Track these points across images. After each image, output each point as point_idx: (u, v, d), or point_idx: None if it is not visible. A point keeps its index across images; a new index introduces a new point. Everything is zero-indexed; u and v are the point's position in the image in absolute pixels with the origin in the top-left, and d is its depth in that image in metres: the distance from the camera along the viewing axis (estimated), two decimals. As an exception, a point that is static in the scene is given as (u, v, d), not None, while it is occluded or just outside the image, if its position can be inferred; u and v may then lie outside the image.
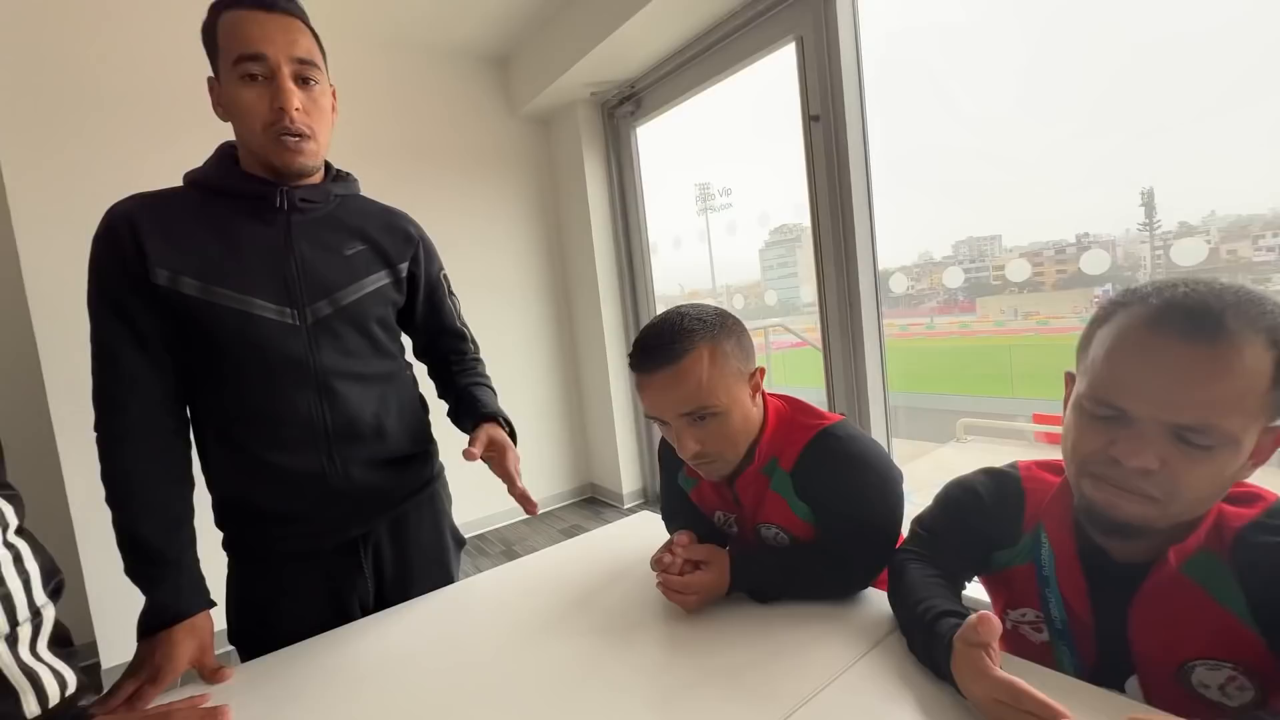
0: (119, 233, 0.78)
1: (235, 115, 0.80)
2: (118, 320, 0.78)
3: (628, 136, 3.14)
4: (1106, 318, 0.58)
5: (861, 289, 2.09)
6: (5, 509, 0.63)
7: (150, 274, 0.77)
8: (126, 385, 0.79)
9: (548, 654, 0.76)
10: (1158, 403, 0.52)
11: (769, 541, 0.88)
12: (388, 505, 0.94)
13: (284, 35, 0.78)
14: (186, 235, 0.80)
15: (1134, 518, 0.56)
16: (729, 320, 0.82)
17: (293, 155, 0.81)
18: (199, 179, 0.85)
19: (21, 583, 0.62)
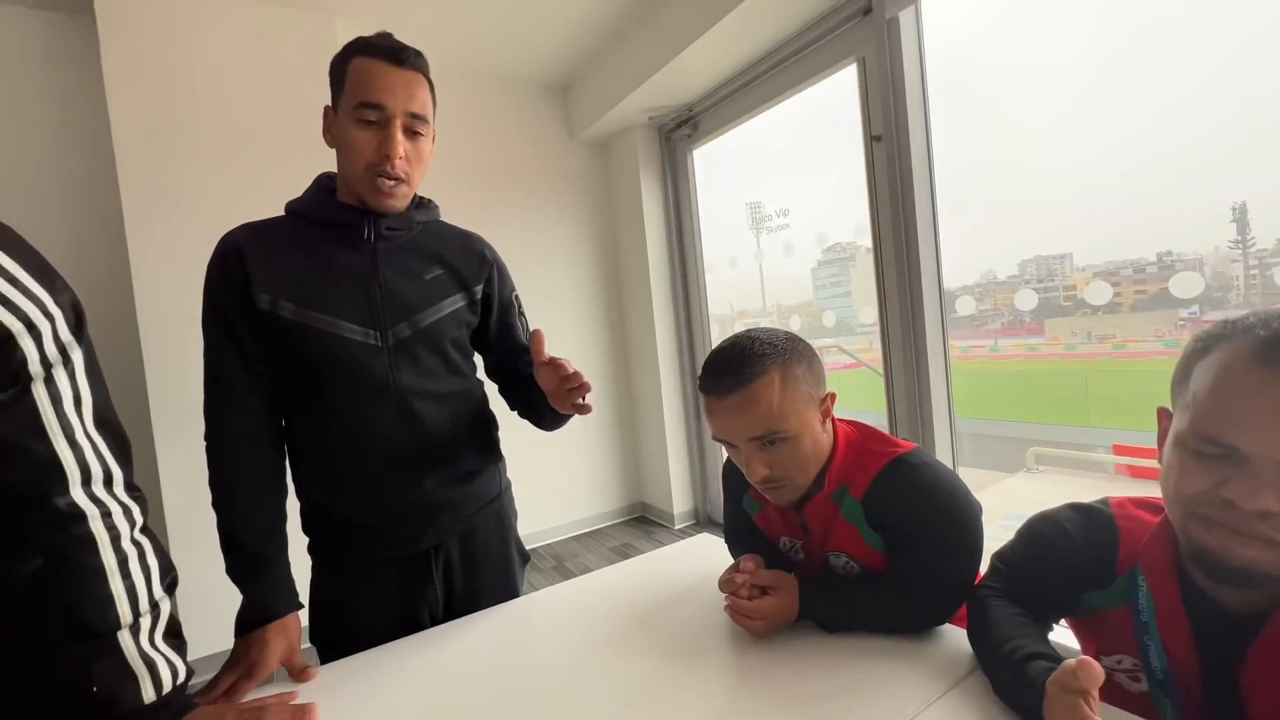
0: (229, 260, 0.85)
1: (343, 150, 0.87)
2: (227, 341, 0.86)
3: (684, 158, 3.18)
4: (1206, 350, 0.56)
5: (926, 310, 2.04)
6: (133, 508, 0.69)
7: (254, 298, 0.84)
8: (232, 400, 0.86)
9: (613, 672, 0.76)
10: (1274, 440, 0.49)
11: (838, 570, 0.86)
12: (458, 518, 0.98)
13: (405, 89, 0.85)
14: (285, 262, 0.87)
15: (1252, 563, 0.53)
16: (799, 344, 0.82)
17: (385, 198, 0.87)
18: (298, 208, 0.92)
19: (144, 577, 0.68)
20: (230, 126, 2.25)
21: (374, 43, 0.85)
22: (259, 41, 2.29)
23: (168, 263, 2.10)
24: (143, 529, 0.69)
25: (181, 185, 2.17)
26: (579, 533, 3.36)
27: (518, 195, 3.20)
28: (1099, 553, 0.68)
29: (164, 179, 2.14)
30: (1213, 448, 0.53)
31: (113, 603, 0.65)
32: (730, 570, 0.85)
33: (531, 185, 3.25)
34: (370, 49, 0.85)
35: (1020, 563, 0.73)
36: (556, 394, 0.90)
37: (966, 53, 2.22)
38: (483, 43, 2.79)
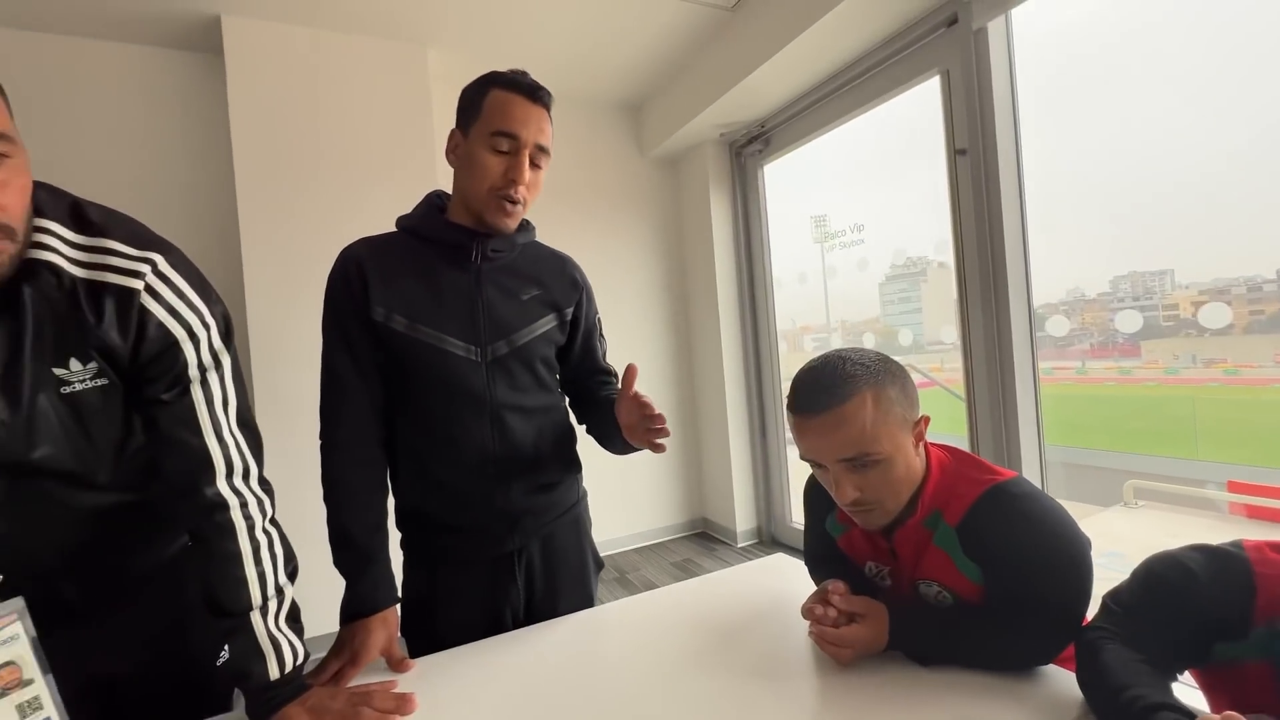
0: (350, 272, 0.92)
1: (469, 170, 0.93)
2: (343, 347, 0.92)
3: (755, 174, 3.18)
4: None
5: (1014, 329, 1.94)
6: (265, 500, 0.76)
7: (371, 310, 0.91)
8: (346, 403, 0.92)
9: (691, 688, 0.76)
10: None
11: (929, 599, 0.83)
12: (540, 524, 1.01)
13: (537, 124, 0.92)
14: (398, 278, 0.93)
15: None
16: (892, 365, 0.81)
17: (504, 218, 0.93)
18: (410, 226, 0.99)
19: (272, 564, 0.74)
20: (333, 149, 2.44)
21: (513, 78, 0.92)
22: (360, 71, 2.48)
23: (275, 274, 2.29)
24: (271, 520, 0.76)
25: (289, 204, 2.36)
26: (640, 545, 3.37)
27: (587, 213, 3.29)
28: (1233, 600, 0.63)
29: (275, 198, 2.35)
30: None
31: (246, 586, 0.72)
32: (816, 596, 0.83)
33: (601, 203, 3.33)
34: (510, 84, 0.92)
35: (1139, 606, 0.68)
36: (634, 429, 0.93)
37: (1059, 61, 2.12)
38: (561, 66, 2.90)
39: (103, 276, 0.64)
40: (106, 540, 0.75)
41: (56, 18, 2.21)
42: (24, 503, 0.66)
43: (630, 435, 0.94)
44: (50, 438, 0.64)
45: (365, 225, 1.04)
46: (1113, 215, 2.17)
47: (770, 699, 0.73)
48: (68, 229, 0.64)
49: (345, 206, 2.41)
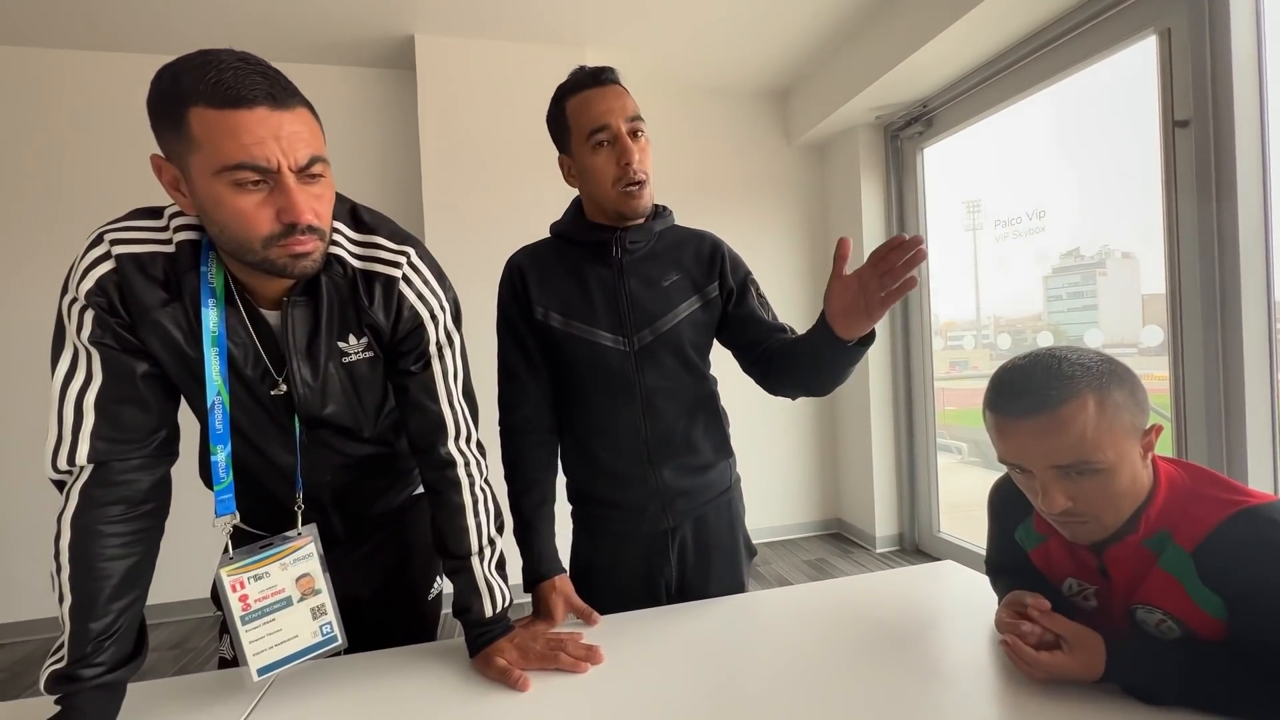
0: (514, 279, 1.03)
1: (589, 179, 0.97)
2: (515, 343, 1.03)
3: (913, 158, 2.97)
4: None
5: (1245, 333, 1.64)
6: (481, 461, 0.87)
7: (533, 310, 1.00)
8: (520, 392, 1.03)
9: (858, 686, 0.76)
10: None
11: (1148, 628, 0.74)
12: (693, 505, 1.06)
13: (618, 101, 0.94)
14: (553, 279, 1.02)
15: None
16: (1118, 367, 0.73)
17: (636, 202, 0.97)
18: (559, 230, 1.07)
19: (487, 517, 0.85)
20: (505, 153, 2.67)
21: (574, 80, 0.97)
22: (526, 77, 2.67)
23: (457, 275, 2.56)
24: (485, 479, 0.87)
25: (469, 206, 2.63)
26: (772, 540, 3.33)
27: (731, 203, 3.28)
28: None
29: (456, 201, 2.62)
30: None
31: (468, 534, 0.83)
32: (1013, 607, 0.78)
33: (744, 193, 3.30)
34: (575, 86, 0.97)
35: None
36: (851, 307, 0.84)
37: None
38: (708, 56, 2.90)
39: (373, 267, 0.77)
40: (364, 483, 0.91)
41: (269, 45, 2.59)
42: (315, 447, 0.82)
43: (848, 315, 0.85)
44: (335, 398, 0.79)
45: (537, 224, 1.14)
46: None
47: (951, 705, 0.71)
48: (348, 227, 0.77)
49: (521, 206, 2.62)
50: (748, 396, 1.31)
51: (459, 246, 2.55)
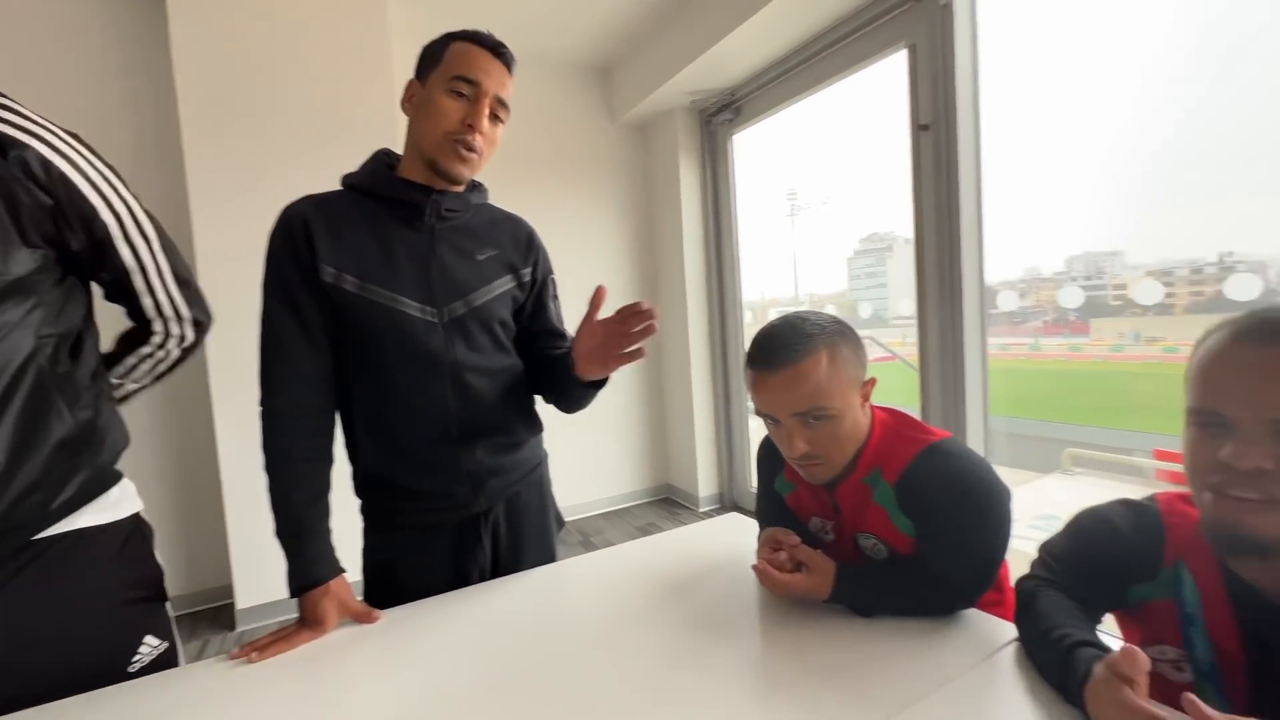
0: (294, 230, 0.89)
1: (425, 115, 0.90)
2: (287, 309, 0.89)
3: (724, 143, 3.17)
4: (1204, 340, 0.62)
5: (965, 306, 2.02)
6: None
7: (319, 270, 0.88)
8: (289, 367, 0.89)
9: (643, 636, 0.81)
10: (1252, 401, 0.55)
11: (867, 552, 0.88)
12: (506, 484, 1.03)
13: (499, 76, 0.91)
14: (348, 236, 0.91)
15: (1258, 528, 0.55)
16: (846, 328, 0.85)
17: (460, 164, 0.91)
18: (358, 183, 0.96)
19: None
20: (287, 102, 2.33)
21: (479, 35, 0.92)
22: (315, 21, 2.36)
23: (227, 232, 2.21)
24: None
25: (240, 158, 2.26)
26: (606, 510, 3.43)
27: (555, 179, 3.24)
28: (1147, 546, 0.69)
29: (225, 152, 2.24)
30: (1208, 417, 0.58)
31: None
32: (769, 543, 0.88)
33: (569, 169, 3.28)
34: (475, 39, 0.91)
35: (1069, 556, 0.75)
36: (593, 354, 0.92)
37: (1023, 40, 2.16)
38: (529, 24, 2.81)
39: None
40: None
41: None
42: None
43: (588, 360, 0.93)
44: None
45: (321, 180, 1.01)
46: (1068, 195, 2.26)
47: (719, 644, 0.78)
48: None
49: (301, 163, 2.32)
50: None
51: (231, 204, 2.20)
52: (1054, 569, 0.74)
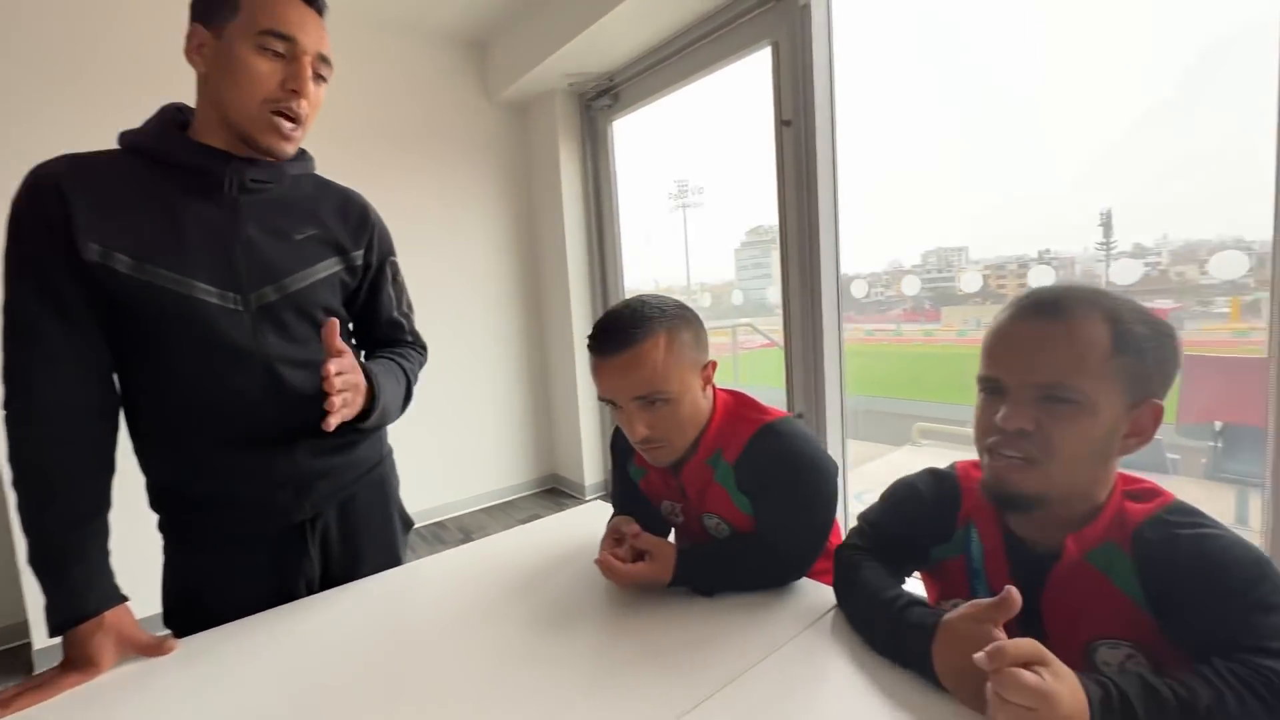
0: (44, 198, 0.73)
1: (232, 77, 0.77)
2: (38, 292, 0.73)
3: (604, 129, 3.14)
4: (996, 318, 0.68)
5: (824, 293, 2.15)
6: None
7: (79, 246, 0.73)
8: (43, 362, 0.74)
9: (490, 636, 0.78)
10: (1021, 369, 0.62)
11: (711, 531, 0.90)
12: (338, 487, 0.94)
13: (317, 31, 0.80)
14: (122, 206, 0.76)
15: (1022, 485, 0.62)
16: (687, 312, 0.85)
17: (282, 140, 0.80)
18: (139, 144, 0.80)
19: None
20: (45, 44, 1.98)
21: None
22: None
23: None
24: None
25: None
26: (489, 504, 3.33)
27: (428, 158, 3.05)
28: (945, 510, 0.76)
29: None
30: (986, 384, 0.65)
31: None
32: (613, 529, 0.87)
33: (442, 148, 3.10)
34: None
35: (882, 522, 0.80)
36: None
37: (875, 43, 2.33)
38: (391, -14, 2.60)
39: None
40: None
41: None
42: None
43: None
44: None
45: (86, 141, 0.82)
46: (925, 195, 2.48)
47: (561, 636, 0.76)
48: None
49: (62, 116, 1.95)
50: (455, 360, 1.19)
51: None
52: (870, 535, 0.80)
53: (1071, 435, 0.60)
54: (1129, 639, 0.62)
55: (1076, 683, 0.49)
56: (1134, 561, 0.61)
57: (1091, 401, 0.59)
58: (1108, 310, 0.60)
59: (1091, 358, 0.59)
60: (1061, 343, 0.60)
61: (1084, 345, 0.59)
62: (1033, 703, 0.47)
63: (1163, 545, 0.59)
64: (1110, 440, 0.61)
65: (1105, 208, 2.28)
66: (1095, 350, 0.59)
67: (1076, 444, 0.60)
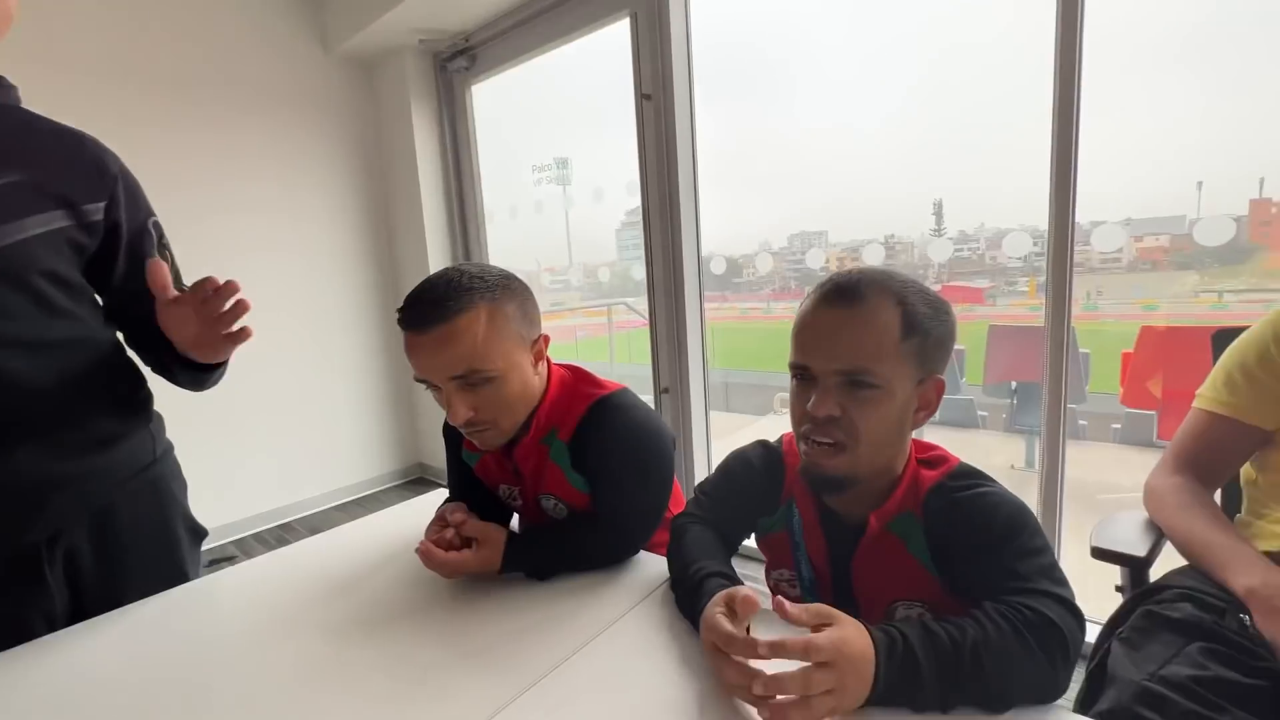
0: None
1: None
2: None
3: (462, 94, 2.93)
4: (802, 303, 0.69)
5: (685, 270, 2.17)
6: None
7: None
8: None
9: (291, 650, 0.68)
10: (825, 356, 0.62)
11: (550, 513, 0.86)
12: (86, 500, 0.77)
13: None
14: None
15: (832, 469, 0.64)
16: (513, 283, 0.78)
17: None
18: None
19: None
20: None
21: None
22: None
23: None
24: None
25: None
26: (347, 500, 3.06)
27: (253, 114, 2.66)
28: (772, 482, 0.77)
29: None
30: (796, 371, 0.66)
31: None
32: (438, 516, 0.80)
33: (271, 103, 2.72)
34: None
35: (715, 492, 0.80)
36: (193, 340, 0.74)
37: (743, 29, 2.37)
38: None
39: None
40: None
41: None
42: None
43: (200, 347, 0.75)
44: None
45: None
46: (792, 180, 2.59)
47: (370, 643, 0.68)
48: None
49: None
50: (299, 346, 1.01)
51: None
52: (704, 505, 0.80)
53: (874, 418, 0.62)
54: (921, 598, 0.67)
55: (862, 632, 0.51)
56: (924, 527, 0.66)
57: (889, 384, 0.61)
58: (897, 293, 0.62)
59: (886, 342, 0.61)
60: (859, 328, 0.61)
61: (879, 331, 0.61)
62: None
63: (943, 510, 0.64)
64: (905, 418, 0.64)
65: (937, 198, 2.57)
66: (889, 335, 0.61)
67: (878, 426, 0.63)
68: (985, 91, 2.10)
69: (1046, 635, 0.52)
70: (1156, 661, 0.64)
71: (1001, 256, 6.45)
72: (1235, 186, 2.20)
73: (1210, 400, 0.84)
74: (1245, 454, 0.84)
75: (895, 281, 0.64)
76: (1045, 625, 0.52)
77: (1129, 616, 0.74)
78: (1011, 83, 1.96)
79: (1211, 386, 0.84)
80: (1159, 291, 6.92)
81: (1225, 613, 0.68)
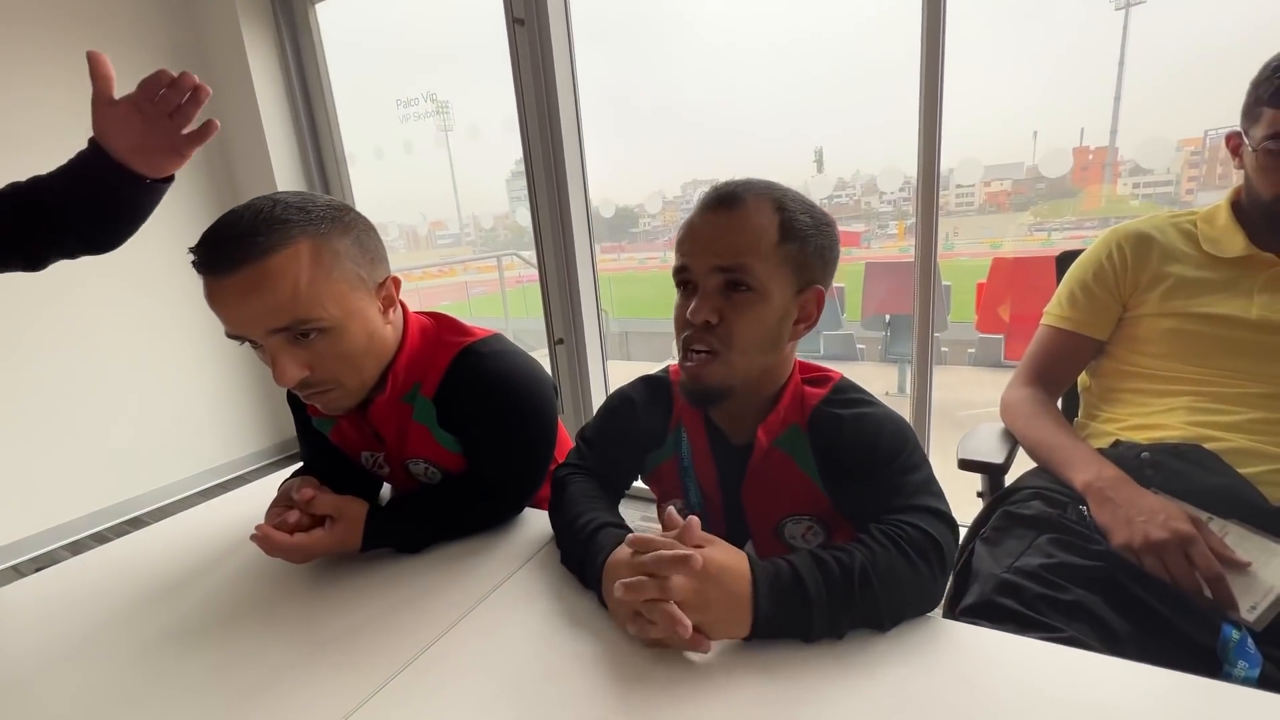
0: None
1: None
2: None
3: (304, 16, 2.54)
4: None
5: (574, 216, 2.06)
6: None
7: None
8: None
9: (112, 664, 0.57)
10: (704, 254, 0.60)
11: (421, 479, 0.78)
12: None
13: None
14: None
15: (710, 378, 0.62)
16: (347, 214, 0.66)
17: None
18: None
19: None
20: None
21: None
22: None
23: None
24: None
25: None
26: (211, 484, 2.73)
27: (35, 42, 2.14)
28: (658, 414, 0.73)
29: None
30: (682, 275, 0.63)
31: None
32: (283, 494, 0.69)
33: (52, 27, 2.20)
34: None
35: (598, 438, 0.75)
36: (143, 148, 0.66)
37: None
38: None
39: None
40: None
41: None
42: None
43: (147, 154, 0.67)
44: None
45: None
46: (680, 125, 2.50)
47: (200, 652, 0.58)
48: None
49: None
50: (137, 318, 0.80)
51: None
52: (586, 453, 0.75)
53: (749, 322, 0.60)
54: (808, 513, 0.67)
55: (739, 556, 0.52)
56: (810, 442, 0.65)
57: (764, 287, 0.59)
58: (776, 200, 0.61)
59: (764, 243, 0.59)
60: (737, 229, 0.60)
61: (755, 231, 0.59)
62: None
63: (828, 425, 0.64)
64: (782, 326, 0.62)
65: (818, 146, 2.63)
66: (766, 237, 0.59)
67: (753, 331, 0.61)
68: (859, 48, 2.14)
69: (928, 550, 0.53)
70: (1012, 555, 0.69)
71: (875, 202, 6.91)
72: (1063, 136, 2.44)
73: (1055, 317, 0.90)
74: (1083, 364, 0.92)
75: (776, 190, 0.62)
76: (926, 541, 0.53)
77: (990, 518, 0.79)
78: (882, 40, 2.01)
79: (1056, 304, 0.91)
80: (1002, 231, 7.78)
81: (1068, 506, 0.74)
